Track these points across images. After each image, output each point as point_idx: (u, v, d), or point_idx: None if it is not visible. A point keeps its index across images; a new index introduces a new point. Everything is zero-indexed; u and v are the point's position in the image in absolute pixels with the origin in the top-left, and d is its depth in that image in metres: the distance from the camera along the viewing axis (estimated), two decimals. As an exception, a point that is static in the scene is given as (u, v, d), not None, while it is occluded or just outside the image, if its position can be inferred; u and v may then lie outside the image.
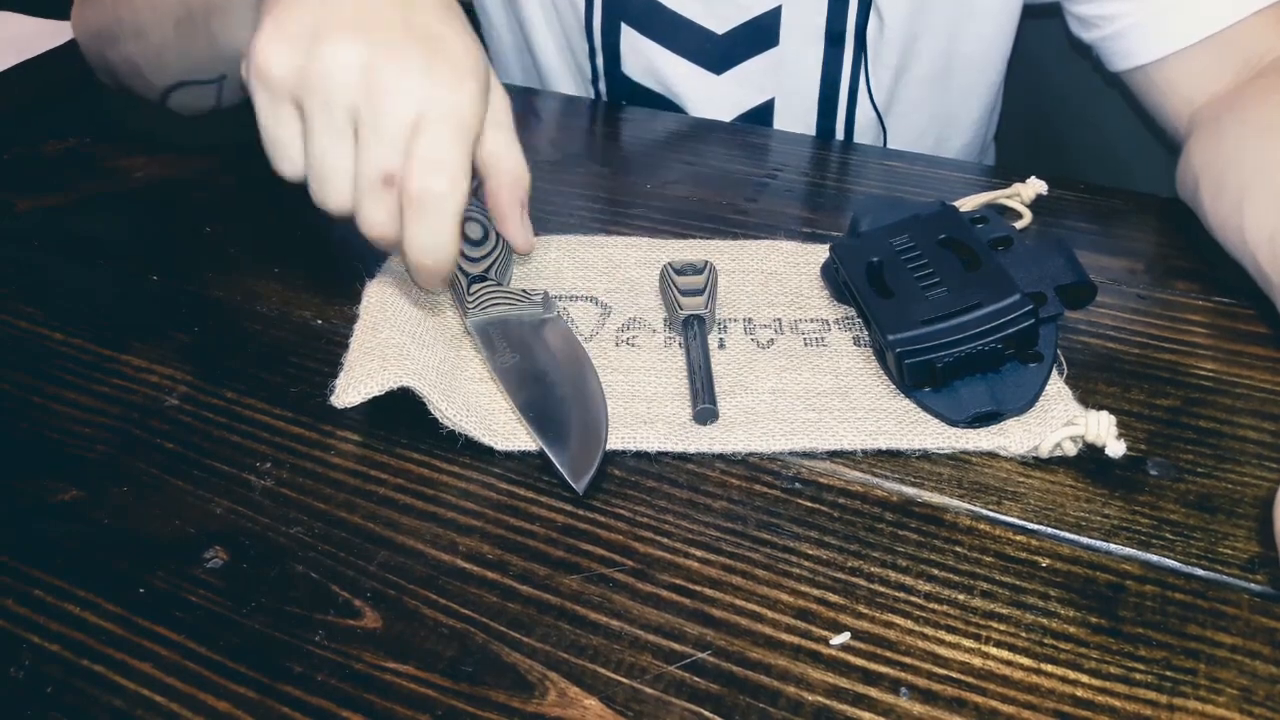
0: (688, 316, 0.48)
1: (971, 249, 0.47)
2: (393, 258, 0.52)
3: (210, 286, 0.54)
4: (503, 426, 0.44)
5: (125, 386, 0.47)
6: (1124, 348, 0.49)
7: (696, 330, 0.47)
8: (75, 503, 0.41)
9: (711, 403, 0.44)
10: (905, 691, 0.34)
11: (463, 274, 0.49)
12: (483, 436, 0.43)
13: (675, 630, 0.36)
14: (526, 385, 0.44)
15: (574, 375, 0.45)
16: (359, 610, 0.37)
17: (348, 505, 0.41)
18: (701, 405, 0.43)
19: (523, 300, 0.48)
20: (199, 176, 0.64)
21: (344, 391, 0.43)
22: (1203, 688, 0.34)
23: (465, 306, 0.48)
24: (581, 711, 0.34)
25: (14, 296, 0.53)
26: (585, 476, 0.41)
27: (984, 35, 0.73)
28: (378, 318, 0.47)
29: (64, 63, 0.78)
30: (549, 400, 0.44)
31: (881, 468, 0.43)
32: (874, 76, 0.72)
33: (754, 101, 0.74)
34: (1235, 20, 0.60)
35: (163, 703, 0.34)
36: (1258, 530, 0.40)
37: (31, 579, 0.38)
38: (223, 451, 0.44)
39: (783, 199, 0.62)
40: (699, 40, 0.72)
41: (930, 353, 0.43)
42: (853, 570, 0.39)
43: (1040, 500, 0.41)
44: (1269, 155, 0.53)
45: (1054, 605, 0.37)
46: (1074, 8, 0.67)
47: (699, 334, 0.47)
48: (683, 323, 0.48)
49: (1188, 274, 0.55)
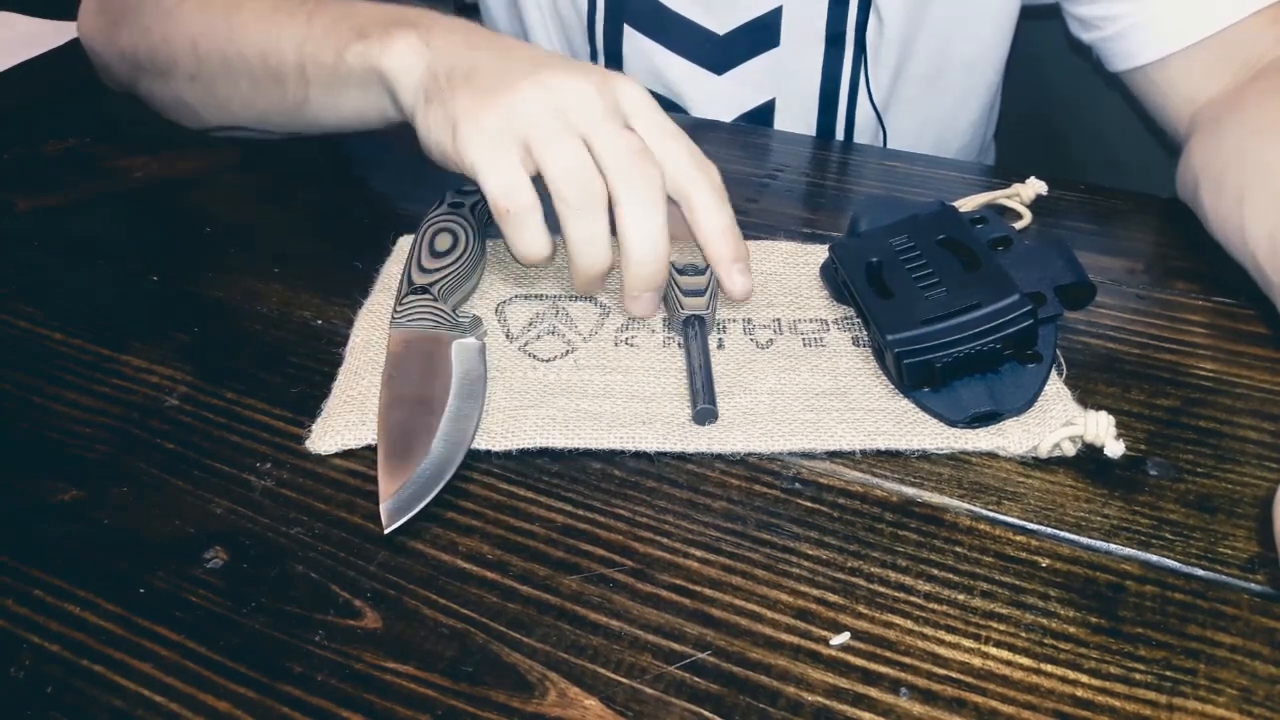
0: (689, 316, 0.48)
1: (971, 249, 0.47)
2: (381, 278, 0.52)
3: (210, 286, 0.54)
4: (499, 427, 0.44)
5: (125, 386, 0.47)
6: (1124, 348, 0.49)
7: (697, 330, 0.47)
8: (75, 503, 0.41)
9: (711, 403, 0.44)
10: (905, 691, 0.34)
11: (407, 281, 0.49)
12: (478, 442, 0.43)
13: (675, 630, 0.36)
14: (401, 406, 0.43)
15: (456, 410, 0.43)
16: (359, 610, 0.37)
17: (348, 505, 0.41)
18: (701, 405, 0.43)
19: (449, 320, 0.47)
20: (199, 176, 0.64)
21: (320, 439, 0.43)
22: (1202, 688, 0.34)
23: (392, 313, 0.48)
24: (581, 711, 0.34)
25: (14, 296, 0.53)
26: (399, 520, 0.39)
27: (982, 36, 0.73)
28: (361, 360, 0.47)
29: (64, 63, 0.78)
30: (414, 429, 0.42)
31: (881, 468, 0.43)
32: (873, 76, 0.72)
33: (755, 102, 0.74)
34: (1235, 20, 0.60)
35: (163, 703, 0.34)
36: (1257, 530, 0.40)
37: (31, 579, 0.38)
38: (223, 451, 0.44)
39: (783, 199, 0.62)
40: (700, 41, 0.72)
41: (929, 353, 0.43)
42: (852, 570, 0.39)
43: (1040, 500, 0.41)
44: (1269, 155, 0.53)
45: (1054, 605, 0.37)
46: (1074, 9, 0.67)
47: (699, 334, 0.47)
48: (683, 323, 0.48)
49: (1188, 274, 0.55)
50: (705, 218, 0.47)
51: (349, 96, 0.56)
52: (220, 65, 0.60)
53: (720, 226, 0.47)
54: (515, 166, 0.46)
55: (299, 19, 0.57)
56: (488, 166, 0.46)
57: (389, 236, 0.56)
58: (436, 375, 0.45)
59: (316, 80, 0.57)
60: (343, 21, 0.55)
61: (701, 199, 0.47)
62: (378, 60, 0.52)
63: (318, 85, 0.57)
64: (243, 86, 0.60)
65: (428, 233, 0.51)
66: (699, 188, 0.47)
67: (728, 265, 0.47)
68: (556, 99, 0.46)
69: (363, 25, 0.54)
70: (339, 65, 0.55)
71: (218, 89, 0.62)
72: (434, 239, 0.51)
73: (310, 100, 0.58)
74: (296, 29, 0.57)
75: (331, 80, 0.56)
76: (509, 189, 0.46)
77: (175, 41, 0.62)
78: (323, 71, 0.56)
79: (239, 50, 0.59)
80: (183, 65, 0.62)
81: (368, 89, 0.54)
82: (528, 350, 0.48)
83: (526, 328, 0.50)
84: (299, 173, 0.64)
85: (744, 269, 0.48)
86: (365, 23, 0.54)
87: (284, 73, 0.58)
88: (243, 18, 0.59)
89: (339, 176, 0.64)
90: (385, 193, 0.63)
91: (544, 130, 0.45)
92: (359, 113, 0.57)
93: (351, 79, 0.55)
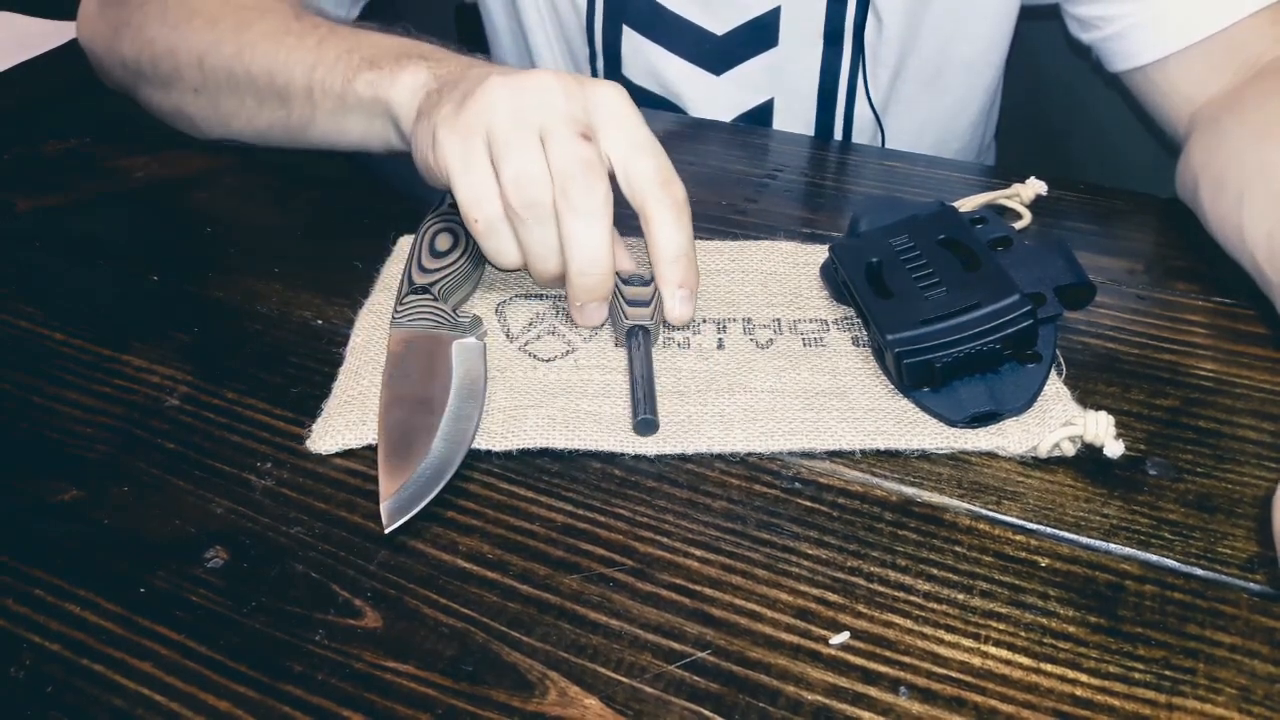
0: (632, 327, 0.48)
1: (971, 249, 0.47)
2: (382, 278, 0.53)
3: (210, 286, 0.54)
4: (500, 426, 0.44)
5: (125, 386, 0.47)
6: (1124, 348, 0.50)
7: (640, 341, 0.47)
8: (75, 503, 0.41)
9: (652, 414, 0.43)
10: (904, 691, 0.34)
11: (407, 281, 0.49)
12: (478, 441, 0.43)
13: (675, 630, 0.36)
14: (402, 406, 0.43)
15: (456, 410, 0.43)
16: (359, 610, 0.37)
17: (348, 505, 0.41)
18: (642, 416, 0.43)
19: (449, 320, 0.47)
20: (199, 176, 0.64)
21: (320, 439, 0.43)
22: (1202, 687, 0.34)
23: (393, 313, 0.48)
24: (581, 711, 0.34)
25: (14, 296, 0.53)
26: (400, 519, 0.39)
27: (981, 35, 0.73)
28: (361, 360, 0.47)
29: (64, 63, 0.78)
30: (414, 429, 0.42)
31: (881, 468, 0.43)
32: (872, 76, 0.72)
33: (753, 102, 0.74)
34: (1234, 20, 0.60)
35: (163, 702, 0.34)
36: (1257, 530, 0.40)
37: (32, 579, 0.38)
38: (223, 451, 0.44)
39: (783, 199, 0.62)
40: (699, 41, 0.72)
41: (929, 353, 0.44)
42: (852, 570, 0.39)
43: (1039, 500, 0.41)
44: (1268, 156, 0.53)
45: (1053, 605, 0.37)
46: (1073, 9, 0.67)
47: (643, 345, 0.47)
48: (627, 333, 0.48)
49: (1187, 274, 0.55)
50: (660, 237, 0.46)
51: (353, 122, 0.57)
52: (226, 81, 0.61)
53: (673, 250, 0.46)
54: (485, 175, 0.46)
55: (309, 43, 0.58)
56: (459, 176, 0.46)
57: (389, 236, 0.56)
58: (437, 375, 0.45)
59: (323, 104, 0.57)
60: (355, 51, 0.56)
61: (659, 217, 0.46)
62: (386, 91, 0.53)
63: (324, 109, 0.58)
64: (248, 104, 0.61)
65: (428, 233, 0.51)
66: (658, 205, 0.46)
67: (672, 290, 0.47)
68: (520, 99, 0.46)
69: (375, 55, 0.55)
70: (347, 93, 0.55)
71: (222, 104, 0.62)
72: (434, 239, 0.51)
73: (315, 123, 0.59)
74: (306, 53, 0.57)
75: (338, 106, 0.57)
76: (478, 200, 0.46)
77: (181, 55, 0.62)
78: (330, 97, 0.57)
79: (246, 69, 0.59)
80: (188, 79, 0.62)
81: (373, 118, 0.55)
82: (528, 350, 0.48)
83: (526, 328, 0.50)
84: (299, 173, 0.64)
85: (688, 296, 0.47)
86: (377, 54, 0.55)
87: (291, 94, 0.58)
88: (252, 37, 0.59)
89: (339, 177, 0.64)
90: (385, 193, 0.63)
91: (502, 132, 0.45)
92: (362, 139, 0.58)
93: (359, 106, 0.55)
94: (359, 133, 0.57)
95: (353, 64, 0.55)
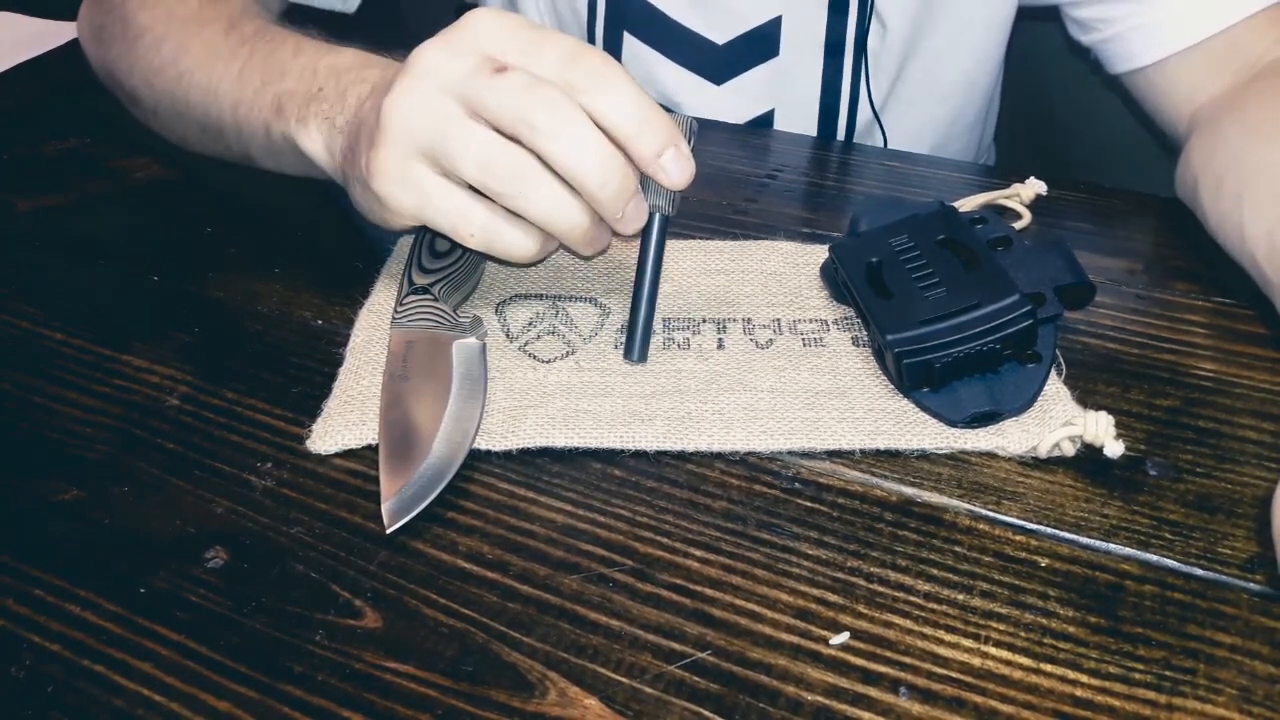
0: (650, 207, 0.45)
1: (971, 249, 0.47)
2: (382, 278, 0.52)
3: (210, 286, 0.54)
4: (500, 427, 0.44)
5: (125, 386, 0.47)
6: (1123, 348, 0.50)
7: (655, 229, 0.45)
8: (75, 503, 0.41)
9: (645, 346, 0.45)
10: (904, 691, 0.34)
11: (407, 281, 0.49)
12: (478, 441, 0.43)
13: (675, 630, 0.36)
14: (402, 406, 0.43)
15: (457, 410, 0.43)
16: (359, 610, 0.37)
17: (348, 505, 0.41)
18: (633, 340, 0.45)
19: (449, 321, 0.47)
20: (199, 176, 0.64)
21: (320, 439, 0.43)
22: (1202, 687, 0.35)
23: (393, 313, 0.48)
24: (581, 711, 0.34)
25: (14, 296, 0.53)
26: (401, 520, 0.39)
27: (978, 41, 0.73)
28: (361, 360, 0.47)
29: (64, 63, 0.78)
30: (414, 429, 0.42)
31: (881, 468, 0.43)
32: (873, 83, 0.72)
33: (754, 112, 0.74)
34: (1234, 22, 0.60)
35: (163, 702, 0.34)
36: (1256, 530, 0.40)
37: (31, 579, 0.38)
38: (223, 451, 0.44)
39: (783, 199, 0.62)
40: (699, 50, 0.72)
41: (929, 353, 0.44)
42: (852, 570, 0.39)
43: (1039, 500, 0.41)
44: (1268, 156, 0.53)
45: (1053, 605, 0.37)
46: (1073, 11, 0.67)
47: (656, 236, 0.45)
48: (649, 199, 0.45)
49: (1187, 274, 0.55)
50: (616, 114, 0.41)
51: (286, 160, 0.56)
52: (171, 108, 0.60)
53: (636, 116, 0.41)
54: (448, 191, 0.44)
55: (233, 72, 0.55)
56: (425, 211, 0.44)
57: (389, 237, 0.56)
58: (437, 375, 0.45)
59: (253, 143, 0.56)
60: (268, 86, 0.53)
61: (595, 96, 0.41)
62: (304, 143, 0.51)
63: (255, 146, 0.56)
64: (194, 131, 0.60)
65: (428, 233, 0.51)
66: (586, 83, 0.41)
67: (653, 162, 0.42)
68: (418, 98, 0.43)
69: (280, 98, 0.52)
70: (269, 136, 0.54)
71: (174, 129, 0.62)
72: (434, 239, 0.51)
73: (253, 157, 0.58)
74: (230, 86, 0.55)
75: (266, 146, 0.55)
76: (460, 216, 0.44)
77: (135, 76, 0.61)
78: (256, 137, 0.55)
79: (185, 98, 0.58)
80: (143, 100, 0.62)
81: (302, 158, 0.53)
82: (528, 350, 0.48)
83: (526, 328, 0.50)
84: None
85: (675, 154, 0.42)
86: (283, 93, 0.52)
87: (224, 130, 0.57)
88: (188, 63, 0.58)
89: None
90: (385, 193, 0.63)
91: (434, 139, 0.42)
92: (304, 173, 0.56)
93: (286, 149, 0.54)
94: (296, 168, 0.56)
95: (266, 105, 0.53)
